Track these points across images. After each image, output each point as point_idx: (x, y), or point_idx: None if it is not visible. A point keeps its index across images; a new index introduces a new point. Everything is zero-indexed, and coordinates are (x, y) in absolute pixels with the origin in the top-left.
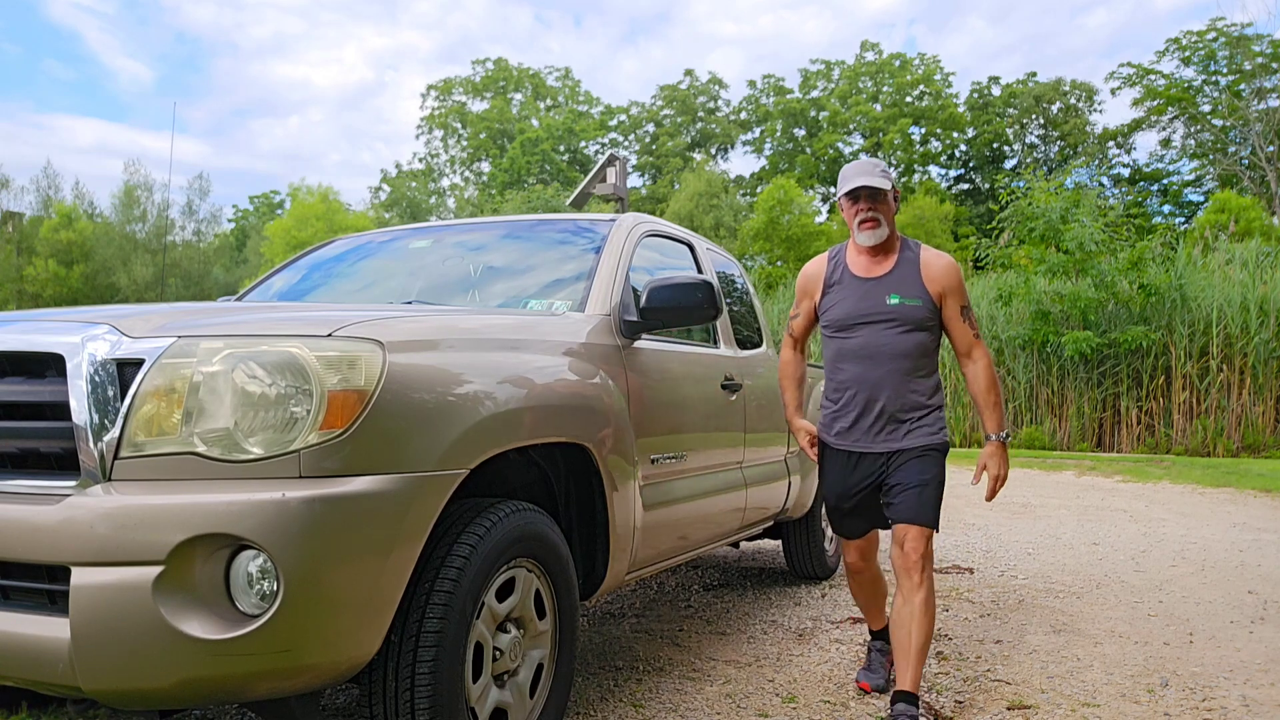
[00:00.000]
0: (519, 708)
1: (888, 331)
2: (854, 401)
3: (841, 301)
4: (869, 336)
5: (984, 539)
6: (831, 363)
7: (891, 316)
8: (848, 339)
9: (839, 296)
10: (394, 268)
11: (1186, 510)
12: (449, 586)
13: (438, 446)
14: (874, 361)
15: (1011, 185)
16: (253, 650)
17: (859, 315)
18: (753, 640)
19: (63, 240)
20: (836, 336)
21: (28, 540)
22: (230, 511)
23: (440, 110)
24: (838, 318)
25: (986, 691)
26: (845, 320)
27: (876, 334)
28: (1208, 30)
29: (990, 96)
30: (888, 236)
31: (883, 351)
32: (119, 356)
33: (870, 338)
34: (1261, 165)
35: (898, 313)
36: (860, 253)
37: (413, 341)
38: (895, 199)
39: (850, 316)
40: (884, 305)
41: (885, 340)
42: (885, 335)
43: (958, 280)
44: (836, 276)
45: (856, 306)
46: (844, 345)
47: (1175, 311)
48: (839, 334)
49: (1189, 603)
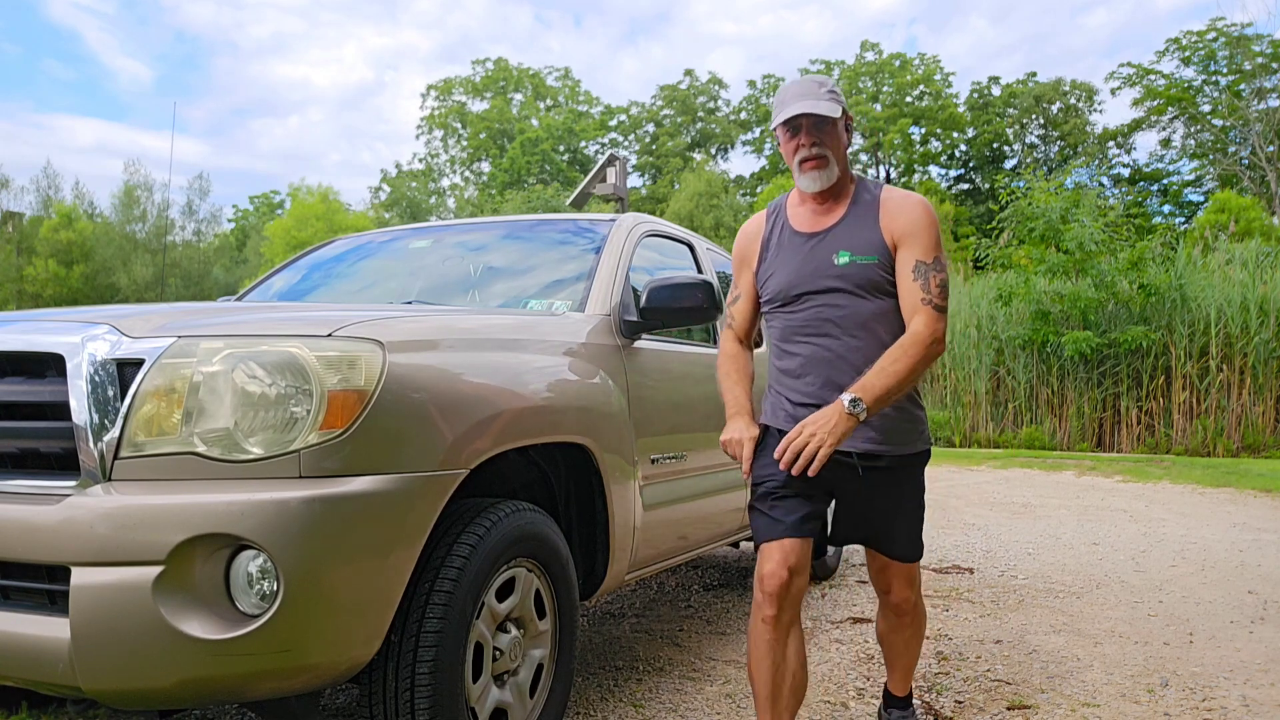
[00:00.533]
0: (519, 708)
1: (842, 299)
2: (812, 387)
3: (780, 267)
4: (819, 309)
5: (984, 539)
6: (778, 344)
7: (841, 281)
8: (794, 313)
9: (777, 261)
10: (394, 268)
11: (1186, 510)
12: (449, 586)
13: (438, 446)
14: (830, 340)
15: (1011, 185)
16: (253, 650)
17: (802, 283)
18: None
19: (63, 240)
20: (780, 312)
21: (28, 540)
22: (230, 511)
23: (440, 110)
24: (778, 289)
25: (986, 691)
26: (786, 291)
27: (828, 305)
28: (1208, 30)
29: (990, 96)
30: (838, 178)
31: (839, 326)
32: (119, 356)
33: (821, 311)
34: (1261, 165)
35: (848, 275)
36: (803, 201)
37: (413, 341)
38: (848, 129)
39: (792, 285)
40: (831, 267)
41: (841, 313)
42: (840, 305)
43: (922, 224)
44: (776, 235)
45: (798, 272)
46: (790, 321)
47: (1175, 311)
48: (783, 308)
49: (1189, 603)
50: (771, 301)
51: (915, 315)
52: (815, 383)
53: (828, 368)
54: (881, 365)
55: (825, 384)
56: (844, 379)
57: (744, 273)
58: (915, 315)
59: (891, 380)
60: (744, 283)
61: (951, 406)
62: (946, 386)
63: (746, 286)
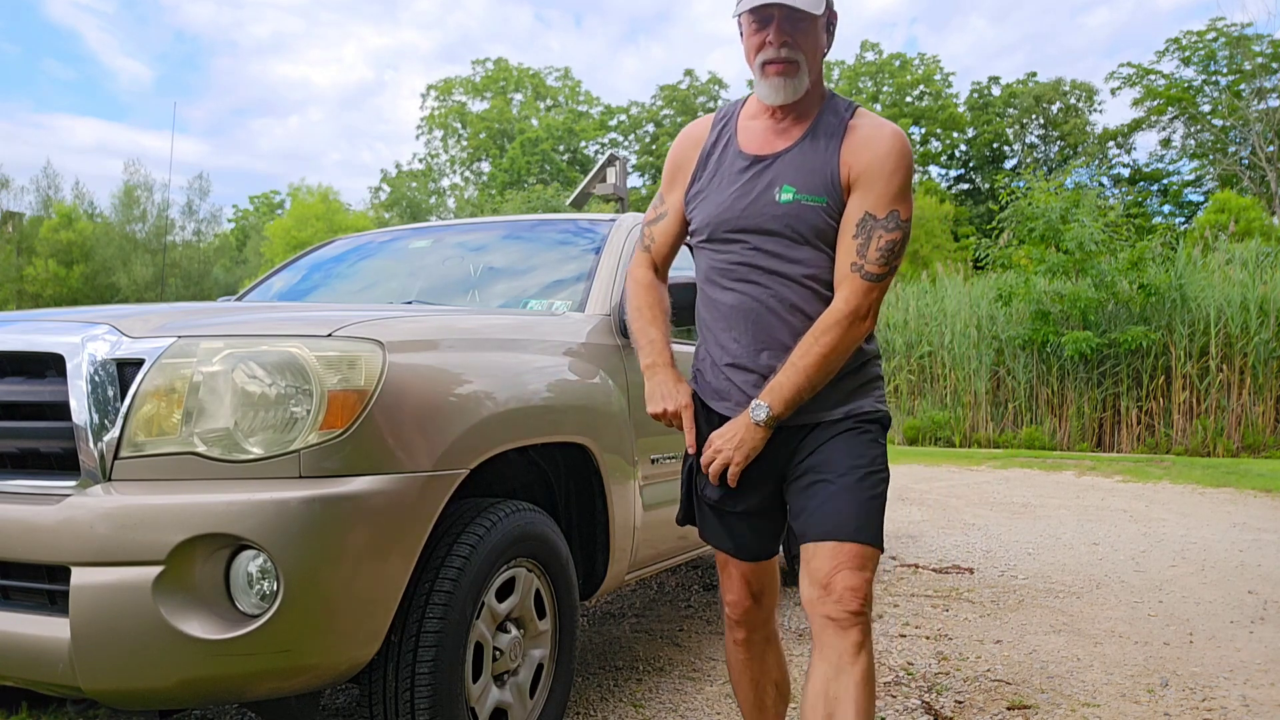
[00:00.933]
0: (519, 708)
1: (779, 246)
2: (739, 345)
3: (712, 194)
4: (751, 254)
5: (984, 539)
6: (704, 283)
7: (779, 224)
8: (720, 252)
9: (711, 185)
10: (394, 268)
11: (1186, 510)
12: (449, 586)
13: (438, 446)
14: (763, 292)
15: (1011, 185)
16: (253, 650)
17: (732, 219)
18: None
19: (63, 240)
20: (706, 247)
21: (28, 540)
22: (230, 511)
23: (440, 110)
24: (704, 220)
25: (986, 691)
26: (714, 226)
27: (761, 250)
28: (1208, 30)
29: (990, 96)
30: (806, 91)
31: (776, 277)
32: (119, 356)
33: (753, 256)
34: (1261, 165)
35: (789, 217)
36: (758, 114)
37: (413, 341)
38: (829, 30)
39: (721, 220)
40: (770, 205)
41: (777, 263)
42: (776, 253)
43: (886, 165)
44: (718, 151)
45: (731, 206)
46: (715, 261)
47: (1175, 311)
48: (710, 243)
49: (1189, 603)
50: (696, 233)
51: (841, 285)
52: (744, 341)
53: (760, 326)
54: (792, 360)
55: (757, 345)
56: (779, 340)
57: (675, 187)
58: (841, 285)
59: (803, 377)
60: (672, 200)
61: (951, 406)
62: (946, 386)
63: (675, 204)
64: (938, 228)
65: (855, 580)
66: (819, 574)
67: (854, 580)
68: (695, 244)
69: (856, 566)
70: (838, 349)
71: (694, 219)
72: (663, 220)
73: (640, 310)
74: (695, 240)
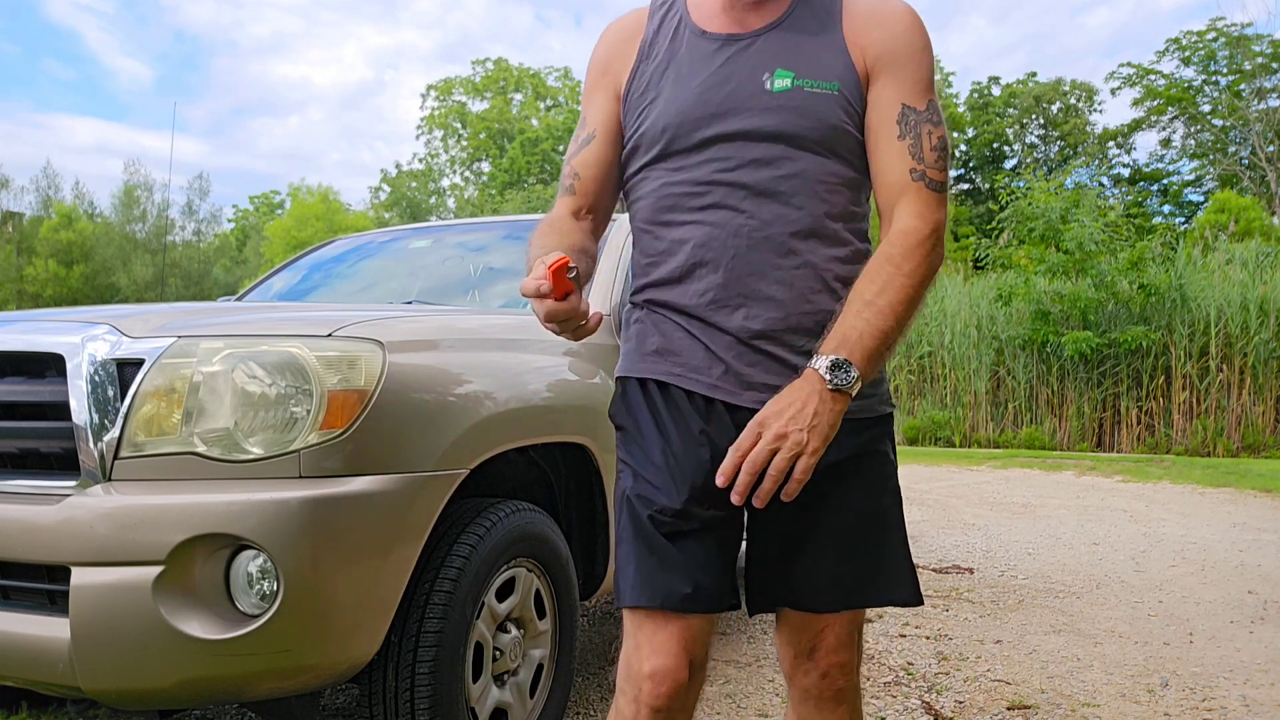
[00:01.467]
0: (519, 708)
1: (774, 150)
2: (704, 299)
3: (671, 88)
4: (732, 166)
5: (984, 539)
6: (646, 226)
7: (776, 119)
8: (680, 170)
9: (666, 79)
10: (394, 268)
11: (1186, 510)
12: (449, 586)
13: (438, 446)
14: (743, 221)
15: (1012, 185)
16: (253, 650)
17: (708, 114)
18: (753, 640)
19: (63, 240)
20: (661, 166)
21: (28, 540)
22: (230, 511)
23: (440, 110)
24: (664, 124)
25: (986, 691)
26: (676, 129)
27: (748, 158)
28: (1208, 30)
29: (990, 96)
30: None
31: (764, 198)
32: (119, 356)
33: (735, 170)
34: (1261, 165)
35: (790, 109)
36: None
37: (413, 341)
38: None
39: (689, 118)
40: (760, 93)
41: (769, 174)
42: (769, 160)
43: (913, 44)
44: (667, 37)
45: (702, 97)
46: (675, 183)
47: (1175, 311)
48: (663, 160)
49: (1189, 603)
50: (643, 148)
51: (903, 198)
52: (711, 285)
53: (739, 269)
54: (867, 298)
55: (731, 296)
56: (763, 292)
57: (600, 94)
58: (903, 198)
59: (891, 320)
60: (599, 111)
61: (951, 406)
62: (946, 386)
63: (606, 118)
64: None
65: (845, 654)
66: (804, 638)
67: (843, 654)
68: (636, 170)
69: (847, 632)
70: (925, 283)
71: (641, 128)
72: (591, 144)
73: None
74: (639, 163)
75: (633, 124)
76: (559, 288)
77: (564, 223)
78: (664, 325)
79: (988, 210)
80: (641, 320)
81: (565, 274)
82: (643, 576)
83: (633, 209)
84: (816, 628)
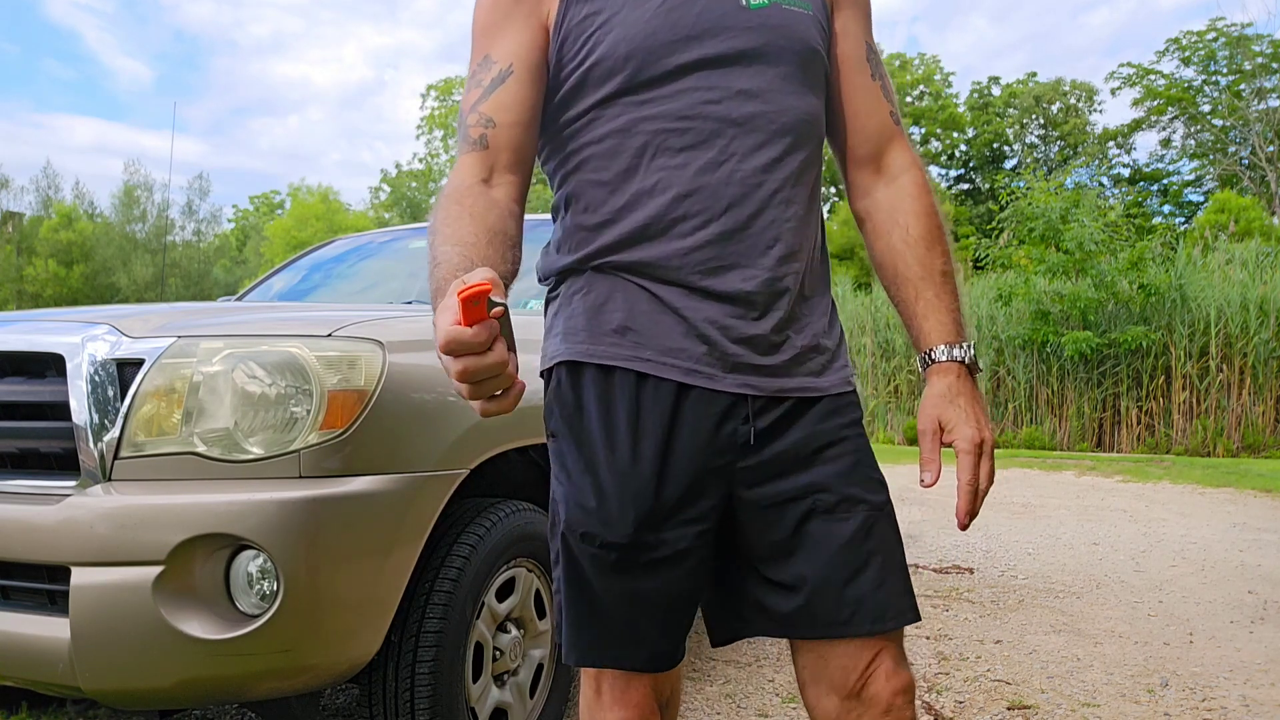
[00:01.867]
0: (519, 708)
1: (761, 76)
2: (683, 251)
3: (628, 4)
4: (716, 94)
5: (984, 539)
6: (600, 171)
7: (758, 40)
8: (650, 103)
9: None
10: (394, 268)
11: (1186, 510)
12: (449, 586)
13: (438, 446)
14: (736, 162)
15: (1012, 185)
16: (253, 650)
17: (682, 38)
18: (753, 640)
19: (63, 240)
20: (621, 101)
21: (28, 540)
22: (230, 511)
23: (440, 110)
24: (628, 49)
25: (986, 691)
26: (646, 53)
27: (730, 88)
28: (1208, 30)
29: (990, 96)
30: None
31: (752, 131)
32: (119, 356)
33: (719, 102)
34: (1261, 165)
35: (771, 30)
36: None
37: (413, 341)
38: None
39: (657, 41)
40: (736, 8)
41: (756, 106)
42: (756, 90)
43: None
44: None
45: (670, 16)
46: (642, 118)
47: (1175, 311)
48: (626, 95)
49: (1189, 603)
50: (598, 83)
51: (894, 145)
52: (701, 242)
53: (729, 217)
54: (931, 267)
55: (726, 247)
56: (761, 247)
57: (516, 24)
58: (894, 145)
59: (958, 284)
60: (517, 44)
61: None
62: None
63: (524, 50)
64: None
65: (903, 679)
66: (844, 675)
67: (901, 679)
68: (583, 110)
69: (899, 656)
70: (944, 230)
71: (589, 59)
72: (508, 83)
73: (445, 224)
74: (586, 101)
75: (575, 54)
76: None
77: (475, 199)
78: (629, 293)
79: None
80: (589, 288)
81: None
82: (588, 640)
83: (568, 161)
84: (862, 662)
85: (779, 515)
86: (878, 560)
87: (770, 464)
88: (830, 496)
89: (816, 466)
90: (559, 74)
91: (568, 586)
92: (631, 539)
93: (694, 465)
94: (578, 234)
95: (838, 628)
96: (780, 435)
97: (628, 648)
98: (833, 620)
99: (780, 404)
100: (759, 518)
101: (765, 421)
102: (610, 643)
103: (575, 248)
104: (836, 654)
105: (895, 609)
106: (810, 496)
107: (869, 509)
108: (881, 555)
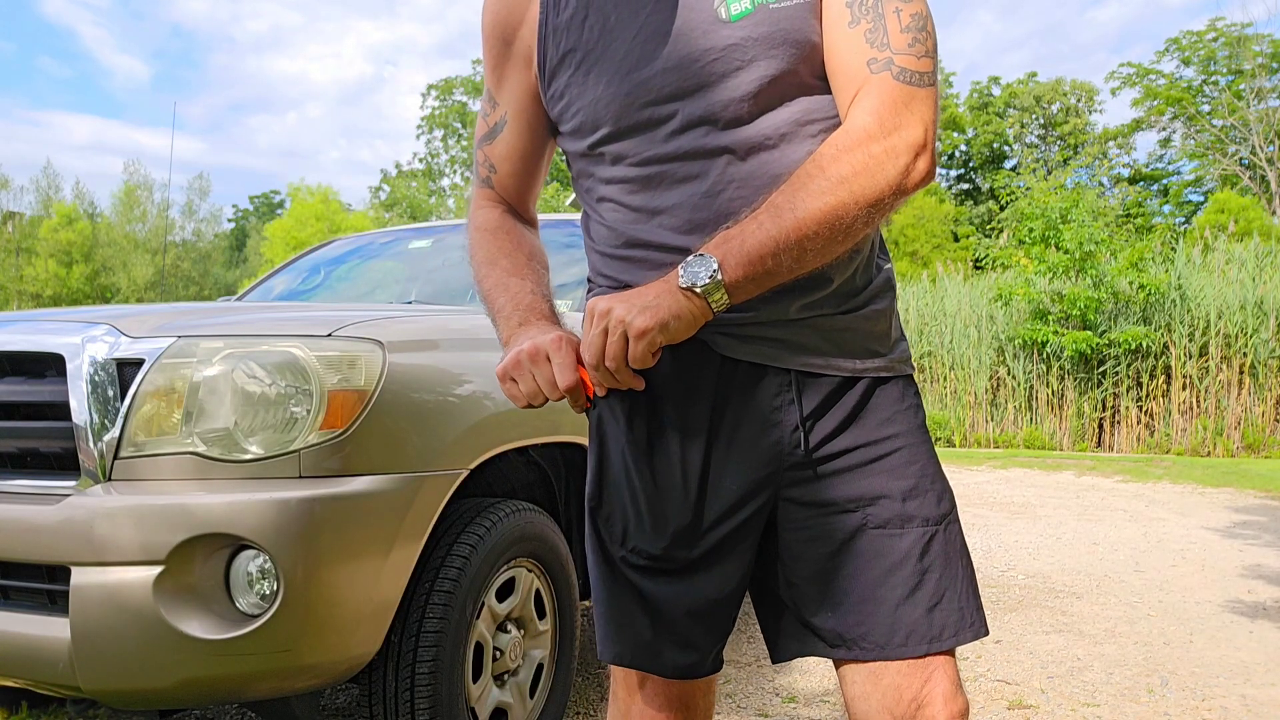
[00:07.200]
0: (519, 708)
1: (737, 106)
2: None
3: (600, 40)
4: (696, 133)
5: (984, 539)
6: (599, 203)
7: (745, 55)
8: (644, 147)
9: (587, 26)
10: (394, 268)
11: (1186, 510)
12: (449, 586)
13: (438, 446)
14: (732, 186)
15: (1012, 185)
16: (253, 650)
17: (659, 90)
18: (753, 640)
19: (63, 240)
20: (613, 146)
21: (28, 540)
22: (230, 511)
23: (440, 110)
24: (608, 100)
25: (986, 691)
26: (623, 103)
27: (712, 116)
28: (1207, 30)
29: (990, 96)
30: None
31: (755, 148)
32: (119, 356)
33: (700, 135)
34: (1261, 165)
35: (755, 44)
36: None
37: (413, 341)
38: None
39: (636, 86)
40: (712, 25)
41: (740, 134)
42: (739, 115)
43: None
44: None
45: (645, 52)
46: (642, 159)
47: (1175, 311)
48: (615, 141)
49: (1189, 602)
50: (585, 132)
51: (858, 97)
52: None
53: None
54: (774, 201)
55: None
56: None
57: (506, 66)
58: (858, 97)
59: (788, 229)
60: (510, 89)
61: (951, 406)
62: (946, 386)
63: (516, 95)
64: (938, 228)
65: (960, 704)
66: (899, 695)
67: (960, 704)
68: (583, 151)
69: (955, 679)
70: (863, 194)
71: (571, 109)
72: (503, 135)
73: (494, 261)
74: (582, 144)
75: (558, 101)
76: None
77: (508, 232)
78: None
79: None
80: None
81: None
82: (626, 639)
83: (586, 184)
84: (916, 681)
85: (830, 514)
86: (940, 570)
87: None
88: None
89: (857, 470)
90: (552, 115)
91: (598, 586)
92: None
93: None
94: (602, 246)
95: (899, 647)
96: (816, 403)
97: (667, 658)
98: (887, 642)
99: (816, 380)
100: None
101: (786, 387)
102: (646, 651)
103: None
104: (890, 677)
105: (947, 625)
106: (862, 510)
107: (918, 530)
108: (938, 571)
